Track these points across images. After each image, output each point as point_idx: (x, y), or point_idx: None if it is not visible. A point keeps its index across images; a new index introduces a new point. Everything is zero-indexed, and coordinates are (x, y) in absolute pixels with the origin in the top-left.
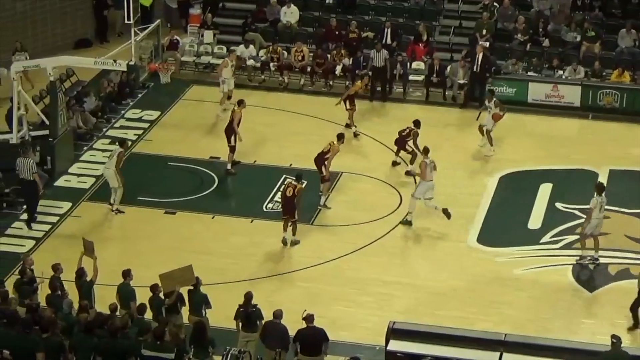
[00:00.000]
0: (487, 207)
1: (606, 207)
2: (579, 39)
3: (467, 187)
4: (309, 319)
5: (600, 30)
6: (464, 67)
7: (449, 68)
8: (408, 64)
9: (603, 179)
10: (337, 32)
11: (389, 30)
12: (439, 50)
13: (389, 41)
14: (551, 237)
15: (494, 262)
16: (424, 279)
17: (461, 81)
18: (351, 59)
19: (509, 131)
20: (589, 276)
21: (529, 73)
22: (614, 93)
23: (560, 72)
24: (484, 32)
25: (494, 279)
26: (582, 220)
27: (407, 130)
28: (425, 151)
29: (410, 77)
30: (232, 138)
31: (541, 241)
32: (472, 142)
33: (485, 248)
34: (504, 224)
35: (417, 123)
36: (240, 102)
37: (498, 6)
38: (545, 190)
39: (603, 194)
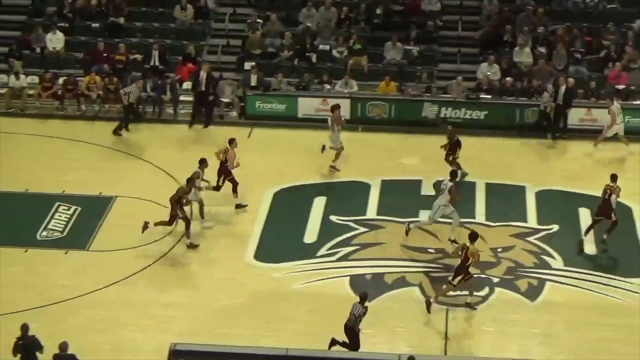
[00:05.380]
0: (262, 223)
1: (382, 217)
2: (346, 53)
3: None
4: (62, 347)
5: (366, 43)
6: (231, 85)
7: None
8: (177, 84)
9: (376, 189)
10: (105, 55)
11: (157, 52)
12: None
13: (157, 63)
14: (327, 250)
15: (272, 278)
16: (204, 299)
17: (227, 99)
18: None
19: (279, 147)
20: (366, 287)
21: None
22: (381, 104)
23: (328, 86)
24: (257, 51)
25: (273, 294)
26: (357, 232)
27: None
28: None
29: (181, 98)
30: (222, 178)
31: (317, 254)
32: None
33: (262, 264)
34: (280, 240)
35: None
36: (232, 142)
37: (262, 22)
38: (319, 203)
39: None
